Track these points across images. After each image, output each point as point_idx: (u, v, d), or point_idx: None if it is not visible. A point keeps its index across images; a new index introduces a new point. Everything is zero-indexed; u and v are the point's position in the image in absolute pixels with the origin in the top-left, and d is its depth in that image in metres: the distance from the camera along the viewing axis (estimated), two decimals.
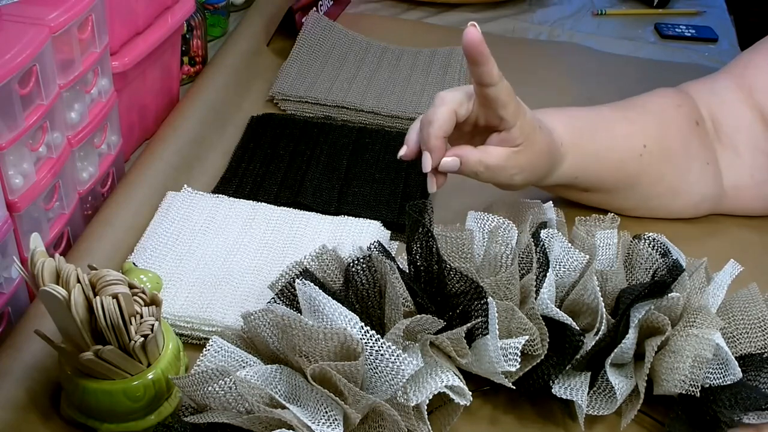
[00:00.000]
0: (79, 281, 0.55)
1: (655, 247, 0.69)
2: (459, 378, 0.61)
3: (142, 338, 0.56)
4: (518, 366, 0.60)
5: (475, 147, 0.69)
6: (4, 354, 0.63)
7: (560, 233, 0.69)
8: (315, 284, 0.61)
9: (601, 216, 0.72)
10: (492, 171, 0.70)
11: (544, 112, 0.76)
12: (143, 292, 0.58)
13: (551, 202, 0.74)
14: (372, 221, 0.79)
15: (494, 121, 0.69)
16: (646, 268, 0.68)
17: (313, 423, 0.55)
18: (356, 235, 0.77)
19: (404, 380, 0.57)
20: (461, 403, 0.60)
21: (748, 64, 0.84)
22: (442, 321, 0.62)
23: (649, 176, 0.81)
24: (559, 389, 0.62)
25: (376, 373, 0.57)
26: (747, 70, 0.83)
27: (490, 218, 0.71)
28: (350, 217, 0.80)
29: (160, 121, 0.92)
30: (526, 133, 0.69)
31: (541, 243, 0.68)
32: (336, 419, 0.56)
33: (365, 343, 0.57)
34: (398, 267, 0.64)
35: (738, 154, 0.82)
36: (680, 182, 0.82)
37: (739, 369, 0.62)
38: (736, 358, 0.62)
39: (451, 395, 0.60)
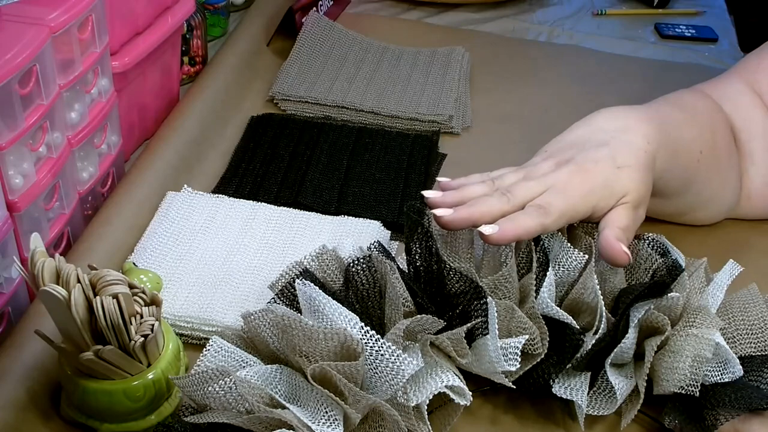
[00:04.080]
0: (79, 281, 0.55)
1: (655, 247, 0.69)
2: (459, 378, 0.61)
3: (142, 338, 0.56)
4: (518, 365, 0.60)
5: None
6: (4, 354, 0.63)
7: (559, 233, 0.70)
8: (315, 284, 0.61)
9: None
10: (633, 225, 0.68)
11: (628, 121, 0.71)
12: (143, 292, 0.58)
13: None
14: (372, 221, 0.79)
15: None
16: (646, 268, 0.68)
17: (313, 423, 0.55)
18: (356, 235, 0.77)
19: (404, 380, 0.57)
20: (461, 403, 0.60)
21: (757, 68, 0.82)
22: (442, 321, 0.62)
23: (700, 183, 0.77)
24: (559, 389, 0.62)
25: (376, 373, 0.57)
26: (757, 74, 0.82)
27: None
28: (350, 217, 0.80)
29: (160, 121, 0.92)
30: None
31: (541, 242, 0.68)
32: (336, 419, 0.56)
33: (365, 343, 0.57)
34: (398, 267, 0.64)
35: (753, 161, 0.81)
36: (718, 192, 0.80)
37: (740, 366, 0.62)
38: None
39: (451, 395, 0.60)
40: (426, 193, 0.68)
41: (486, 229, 0.64)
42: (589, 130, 0.71)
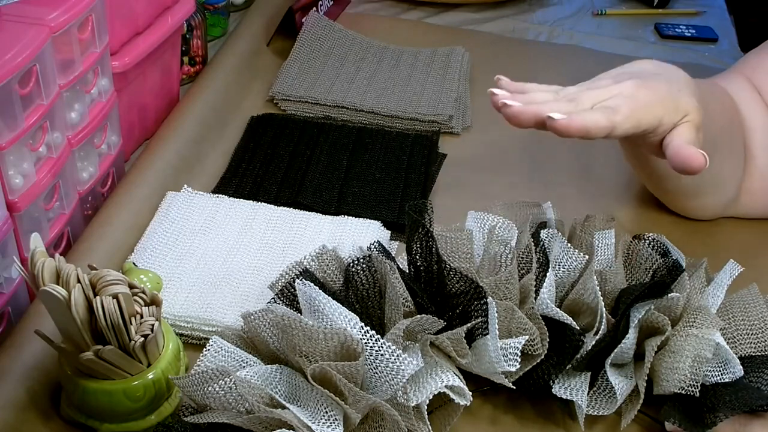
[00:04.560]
0: (79, 281, 0.55)
1: (655, 247, 0.69)
2: (459, 378, 0.61)
3: (142, 338, 0.56)
4: (518, 366, 0.60)
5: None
6: (4, 354, 0.63)
7: (560, 233, 0.70)
8: (315, 284, 0.61)
9: (595, 215, 0.72)
10: (698, 145, 0.65)
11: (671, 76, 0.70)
12: (143, 292, 0.58)
13: (550, 202, 0.74)
14: (372, 221, 0.79)
15: None
16: (646, 268, 0.68)
17: (313, 423, 0.55)
18: (356, 235, 0.77)
19: (404, 380, 0.57)
20: (461, 403, 0.60)
21: (756, 67, 0.83)
22: (442, 321, 0.62)
23: (719, 157, 0.76)
24: (559, 389, 0.62)
25: (376, 373, 0.57)
26: (756, 73, 0.82)
27: (489, 218, 0.71)
28: (350, 217, 0.80)
29: (160, 121, 0.92)
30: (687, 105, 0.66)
31: (541, 243, 0.68)
32: (336, 419, 0.56)
33: (365, 343, 0.57)
34: (398, 267, 0.64)
35: (752, 157, 0.81)
36: (729, 175, 0.79)
37: (740, 366, 0.62)
38: None
39: (451, 395, 0.60)
40: (494, 90, 0.67)
41: (556, 114, 0.62)
42: (633, 69, 0.71)
